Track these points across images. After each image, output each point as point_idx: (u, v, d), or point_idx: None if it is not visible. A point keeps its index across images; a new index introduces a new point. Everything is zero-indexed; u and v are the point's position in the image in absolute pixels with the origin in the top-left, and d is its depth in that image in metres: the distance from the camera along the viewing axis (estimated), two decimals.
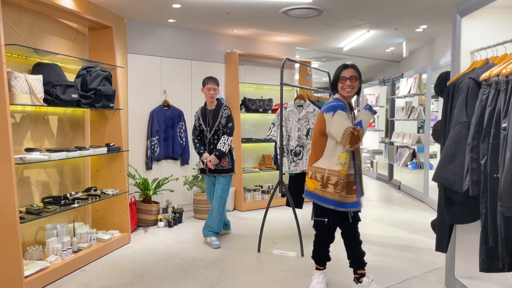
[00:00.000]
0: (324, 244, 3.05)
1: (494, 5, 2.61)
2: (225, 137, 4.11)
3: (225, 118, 4.14)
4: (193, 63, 5.65)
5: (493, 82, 2.27)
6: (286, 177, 4.67)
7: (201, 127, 4.22)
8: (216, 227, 4.14)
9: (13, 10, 3.25)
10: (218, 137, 4.15)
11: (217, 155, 4.07)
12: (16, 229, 2.83)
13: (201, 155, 4.17)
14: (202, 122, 4.20)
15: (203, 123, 4.19)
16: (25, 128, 3.41)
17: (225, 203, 4.22)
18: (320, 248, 3.07)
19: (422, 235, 4.47)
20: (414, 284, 3.18)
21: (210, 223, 4.16)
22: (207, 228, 4.19)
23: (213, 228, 4.14)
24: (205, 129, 4.18)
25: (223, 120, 4.14)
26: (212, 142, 4.16)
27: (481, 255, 2.31)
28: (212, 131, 4.14)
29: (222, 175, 4.16)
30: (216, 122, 4.12)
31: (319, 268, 3.10)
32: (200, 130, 4.23)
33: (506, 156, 2.03)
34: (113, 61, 4.13)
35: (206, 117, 4.19)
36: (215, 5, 4.50)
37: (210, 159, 4.07)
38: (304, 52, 7.52)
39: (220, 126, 4.14)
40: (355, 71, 2.93)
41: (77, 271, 3.44)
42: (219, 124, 4.13)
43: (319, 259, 3.09)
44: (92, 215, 4.28)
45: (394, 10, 4.81)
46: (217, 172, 4.15)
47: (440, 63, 5.67)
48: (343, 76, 2.91)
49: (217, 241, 4.09)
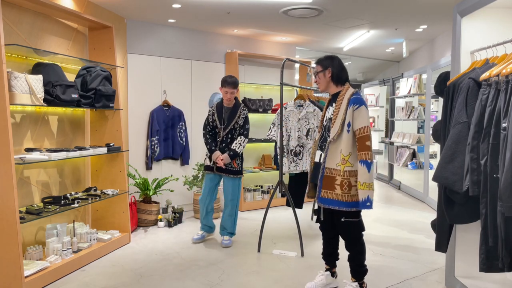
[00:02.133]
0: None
1: (494, 5, 2.61)
2: (241, 138, 4.04)
3: (243, 118, 4.07)
4: (193, 63, 5.65)
5: (493, 82, 2.27)
6: (286, 177, 4.67)
7: (214, 123, 4.09)
8: (229, 227, 4.13)
9: (13, 10, 3.25)
10: (232, 136, 4.05)
11: (231, 155, 3.98)
12: (16, 229, 2.83)
13: (213, 152, 4.02)
14: (217, 118, 4.07)
15: (218, 120, 4.06)
16: (25, 128, 3.41)
17: (237, 205, 4.16)
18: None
19: (422, 235, 4.47)
20: (414, 284, 3.18)
21: (222, 223, 4.17)
22: (221, 228, 4.19)
23: (227, 228, 4.14)
24: (219, 127, 4.05)
25: (240, 120, 4.05)
26: (225, 141, 4.05)
27: (481, 255, 2.31)
28: (227, 129, 4.03)
29: (230, 176, 4.07)
30: (233, 121, 4.03)
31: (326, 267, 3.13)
32: (213, 126, 4.10)
33: (506, 156, 2.03)
34: (113, 61, 4.13)
35: (221, 115, 4.07)
36: (215, 5, 4.50)
37: (222, 158, 3.96)
38: (304, 52, 7.52)
39: (236, 126, 4.04)
40: (317, 65, 2.93)
41: (77, 271, 3.44)
42: (235, 124, 4.03)
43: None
44: (92, 215, 4.28)
45: (394, 10, 4.81)
46: (225, 171, 4.05)
47: (440, 63, 5.67)
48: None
49: (227, 241, 4.10)
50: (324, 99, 5.26)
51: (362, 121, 2.70)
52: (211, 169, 4.11)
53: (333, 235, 3.02)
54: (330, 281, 3.08)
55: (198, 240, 4.19)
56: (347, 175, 2.73)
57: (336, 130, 2.76)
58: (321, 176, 2.82)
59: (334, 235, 3.02)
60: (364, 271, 2.91)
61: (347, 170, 2.73)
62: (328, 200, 2.78)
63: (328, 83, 2.90)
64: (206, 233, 4.32)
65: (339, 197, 2.74)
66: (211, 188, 4.19)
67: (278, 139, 4.33)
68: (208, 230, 4.32)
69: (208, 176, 4.19)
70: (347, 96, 2.78)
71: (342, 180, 2.73)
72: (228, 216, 4.12)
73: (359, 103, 2.73)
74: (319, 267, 3.49)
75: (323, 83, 2.90)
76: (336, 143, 2.78)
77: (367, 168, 2.65)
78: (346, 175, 2.73)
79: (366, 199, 2.65)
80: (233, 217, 4.13)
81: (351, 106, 2.73)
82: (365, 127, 2.69)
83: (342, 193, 2.73)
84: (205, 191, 4.19)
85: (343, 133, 2.75)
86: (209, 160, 4.11)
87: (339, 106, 2.79)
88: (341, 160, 2.74)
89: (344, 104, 2.77)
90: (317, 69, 2.91)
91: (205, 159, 4.17)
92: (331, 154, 2.79)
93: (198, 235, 4.23)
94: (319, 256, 3.78)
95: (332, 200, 2.76)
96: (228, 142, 4.05)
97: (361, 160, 2.67)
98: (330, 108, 2.92)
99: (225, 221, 4.14)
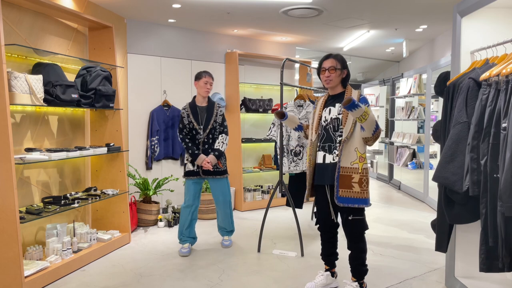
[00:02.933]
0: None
1: (494, 5, 2.61)
2: (223, 136, 3.93)
3: (221, 116, 3.94)
4: (193, 63, 5.65)
5: (493, 82, 2.27)
6: (286, 177, 4.67)
7: (191, 125, 3.87)
8: (228, 226, 4.10)
9: (13, 10, 3.25)
10: (213, 136, 3.91)
11: (216, 155, 3.85)
12: (16, 229, 2.83)
13: (197, 157, 3.82)
14: (193, 120, 3.87)
15: (195, 121, 3.86)
16: (25, 128, 3.41)
17: (231, 203, 4.09)
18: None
19: (422, 235, 4.47)
20: (414, 284, 3.18)
21: (220, 223, 4.12)
22: (220, 229, 4.15)
23: (226, 228, 4.11)
24: (198, 128, 3.87)
25: (219, 118, 3.93)
26: (207, 142, 3.88)
27: (481, 255, 2.31)
28: (207, 130, 3.87)
29: (218, 177, 3.93)
30: (211, 121, 3.88)
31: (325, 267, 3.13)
32: (190, 128, 3.88)
33: (506, 156, 2.03)
34: (113, 61, 4.13)
35: (197, 115, 3.88)
36: (215, 5, 4.50)
37: (209, 160, 3.81)
38: (304, 52, 7.52)
39: (215, 125, 3.91)
40: (335, 61, 2.83)
41: (77, 271, 3.44)
42: (214, 123, 3.90)
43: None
44: (92, 215, 4.28)
45: (394, 10, 4.81)
46: (212, 173, 3.90)
47: (440, 63, 5.67)
48: (323, 67, 2.87)
49: (228, 241, 4.09)
50: None
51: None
52: (195, 174, 3.89)
53: (332, 235, 3.03)
54: (330, 281, 3.08)
55: (187, 254, 3.85)
56: (365, 172, 2.78)
57: (348, 129, 2.77)
58: (337, 175, 2.82)
59: (333, 235, 3.03)
60: (365, 271, 2.91)
61: (365, 168, 2.78)
62: (348, 199, 2.79)
63: (339, 83, 2.89)
64: (191, 245, 4.00)
65: (358, 194, 2.76)
66: (196, 193, 3.94)
67: (278, 139, 4.33)
68: (192, 242, 4.01)
69: (191, 181, 3.92)
70: (356, 97, 2.81)
71: (361, 177, 2.76)
72: (225, 216, 4.06)
73: (367, 103, 2.81)
74: (319, 267, 3.49)
75: (336, 80, 2.86)
76: (349, 141, 2.79)
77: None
78: (364, 172, 2.78)
79: (357, 104, 2.52)
80: (229, 216, 4.08)
81: (364, 105, 2.74)
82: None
83: (361, 190, 2.75)
84: (190, 198, 3.91)
85: (356, 132, 2.77)
86: (191, 165, 3.90)
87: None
88: (359, 158, 2.76)
89: None
90: (334, 65, 2.83)
91: (185, 165, 3.93)
92: (346, 153, 2.79)
93: (186, 249, 3.87)
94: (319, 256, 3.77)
95: (351, 198, 2.78)
96: (210, 143, 3.89)
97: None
98: (331, 108, 2.89)
99: (222, 221, 4.08)
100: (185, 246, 3.90)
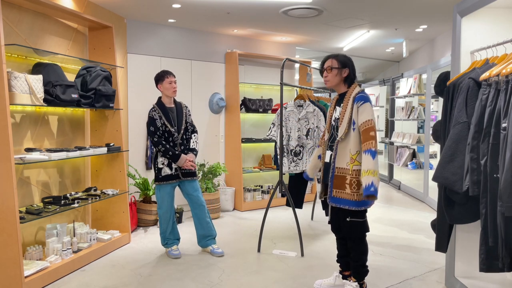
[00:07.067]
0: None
1: (494, 5, 2.61)
2: (195, 135, 3.86)
3: (189, 115, 3.89)
4: (193, 63, 5.65)
5: (493, 82, 2.27)
6: (286, 177, 4.67)
7: (164, 127, 3.69)
8: (214, 232, 3.93)
9: (13, 10, 3.25)
10: (186, 136, 3.83)
11: (195, 154, 3.81)
12: (16, 229, 2.83)
13: (178, 157, 3.66)
14: (166, 122, 3.70)
15: (168, 123, 3.70)
16: (25, 128, 3.41)
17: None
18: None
19: (422, 235, 4.47)
20: (414, 284, 3.18)
21: (205, 232, 3.87)
22: (204, 239, 3.89)
23: (211, 234, 3.90)
24: (173, 130, 3.71)
25: (188, 117, 3.87)
26: (182, 143, 3.78)
27: (481, 255, 2.31)
28: (181, 130, 3.78)
29: (194, 178, 3.84)
30: (183, 120, 3.80)
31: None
32: (163, 131, 3.69)
33: (506, 156, 2.03)
34: (113, 61, 4.13)
35: (169, 116, 3.73)
36: (215, 5, 4.50)
37: (191, 159, 3.72)
38: (304, 52, 7.52)
39: (187, 125, 3.84)
40: (333, 61, 2.82)
41: (77, 271, 3.44)
42: (185, 123, 3.82)
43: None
44: (92, 215, 4.28)
45: (394, 10, 4.81)
46: (191, 175, 3.81)
47: (440, 63, 5.67)
48: (323, 68, 2.87)
49: (219, 249, 3.87)
50: (324, 99, 5.27)
51: (366, 116, 2.68)
52: (174, 178, 3.75)
53: (343, 235, 2.97)
54: (339, 283, 3.02)
55: (179, 255, 3.80)
56: (355, 174, 2.73)
57: (343, 129, 2.76)
58: (332, 175, 2.82)
59: (343, 235, 2.97)
60: (365, 272, 2.90)
61: (355, 169, 2.72)
62: (339, 199, 2.78)
63: (340, 82, 2.85)
64: (178, 246, 3.92)
65: (349, 196, 2.73)
66: (172, 197, 3.84)
67: (278, 139, 4.33)
68: (178, 243, 3.92)
69: (167, 186, 3.77)
70: (353, 95, 2.78)
71: (351, 179, 2.72)
72: (209, 220, 3.88)
73: (364, 100, 2.72)
74: (319, 267, 3.49)
75: (334, 80, 2.83)
76: (344, 142, 2.78)
77: (372, 155, 2.61)
78: (354, 174, 2.73)
79: (370, 185, 2.56)
80: (210, 220, 3.91)
81: (356, 103, 2.72)
82: (369, 120, 2.67)
83: (351, 192, 2.72)
84: (168, 203, 3.79)
85: (350, 132, 2.75)
86: (168, 169, 3.73)
87: (346, 105, 2.79)
88: (350, 159, 2.74)
89: (350, 103, 2.77)
90: (332, 64, 2.81)
91: (161, 170, 3.73)
92: (341, 154, 2.79)
93: (177, 251, 3.83)
94: (319, 256, 3.79)
95: (343, 199, 2.76)
96: (185, 144, 3.81)
97: (365, 150, 2.64)
98: (337, 108, 2.89)
99: (207, 228, 3.87)
100: (174, 248, 3.84)
